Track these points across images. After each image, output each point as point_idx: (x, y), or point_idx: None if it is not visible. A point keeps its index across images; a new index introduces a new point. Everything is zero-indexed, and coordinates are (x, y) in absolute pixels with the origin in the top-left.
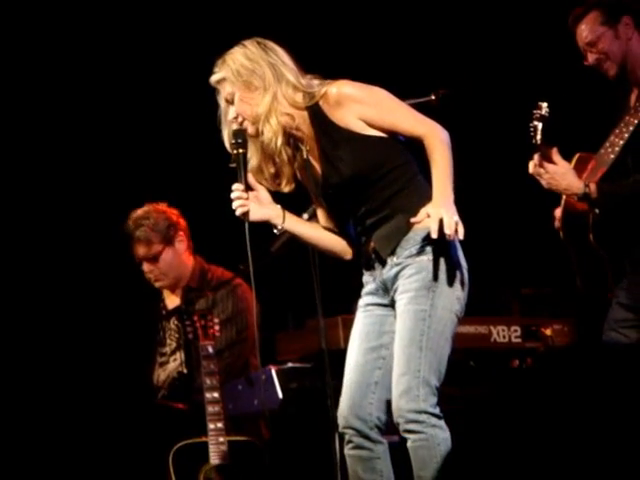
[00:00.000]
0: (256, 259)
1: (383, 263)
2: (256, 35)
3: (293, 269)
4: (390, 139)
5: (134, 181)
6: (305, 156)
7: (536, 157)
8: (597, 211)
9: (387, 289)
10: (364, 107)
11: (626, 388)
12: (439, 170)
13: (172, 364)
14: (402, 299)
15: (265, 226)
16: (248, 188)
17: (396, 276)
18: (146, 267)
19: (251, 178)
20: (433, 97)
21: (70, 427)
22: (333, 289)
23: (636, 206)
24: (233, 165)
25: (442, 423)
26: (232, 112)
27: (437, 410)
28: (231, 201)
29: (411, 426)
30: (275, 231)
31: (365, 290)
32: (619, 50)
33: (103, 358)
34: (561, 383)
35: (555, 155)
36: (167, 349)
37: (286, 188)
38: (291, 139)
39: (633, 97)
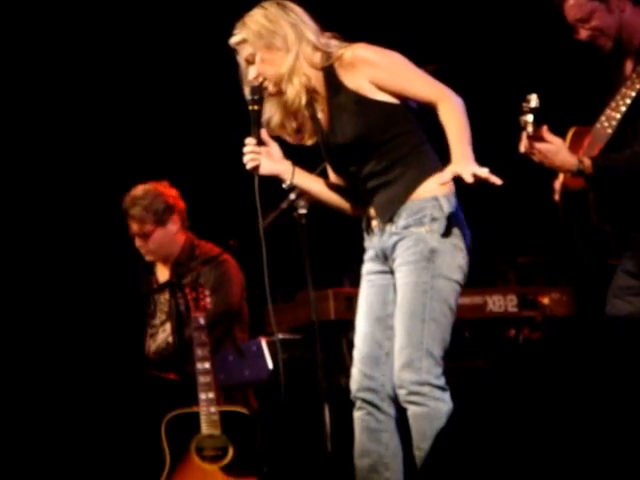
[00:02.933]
0: (247, 235)
1: (382, 230)
2: None
3: (283, 243)
4: (400, 105)
5: (131, 158)
6: (317, 115)
7: (525, 139)
8: (594, 186)
9: (386, 256)
10: (376, 70)
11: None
12: (455, 132)
13: (161, 335)
14: (401, 271)
15: (254, 201)
16: (260, 143)
17: (394, 246)
18: (137, 242)
19: (264, 133)
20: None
21: (62, 399)
22: (323, 262)
23: (634, 178)
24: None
25: (446, 396)
26: (252, 72)
27: (441, 381)
28: (242, 156)
29: (413, 397)
30: (283, 185)
31: (366, 256)
32: (613, 24)
33: (95, 330)
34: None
35: (546, 133)
36: (157, 321)
37: (309, 141)
38: (309, 97)
39: (629, 67)
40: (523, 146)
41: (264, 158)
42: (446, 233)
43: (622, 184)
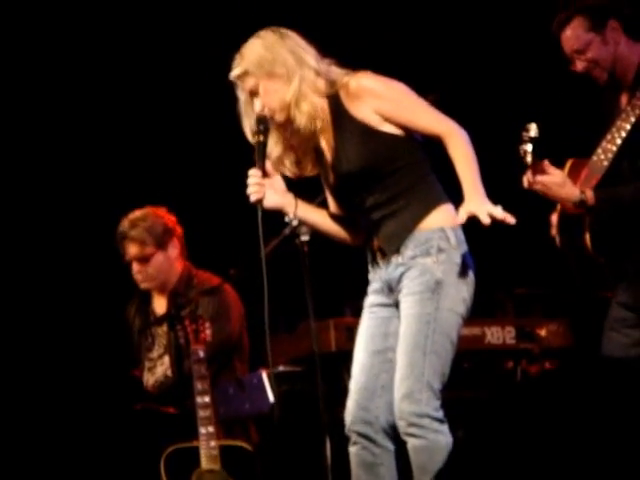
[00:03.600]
0: (248, 265)
1: (388, 262)
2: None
3: (285, 271)
4: (405, 136)
5: (131, 185)
6: (320, 144)
7: (529, 173)
8: (594, 218)
9: (392, 289)
10: (382, 101)
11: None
12: (465, 167)
13: (159, 368)
14: (406, 301)
15: (256, 231)
16: (264, 175)
17: (401, 277)
18: (135, 267)
19: (268, 165)
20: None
21: (62, 432)
22: (325, 292)
23: (636, 212)
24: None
25: (444, 428)
26: (258, 104)
27: (440, 414)
28: (245, 187)
29: (412, 430)
30: (286, 219)
31: (370, 288)
32: (608, 56)
33: (94, 363)
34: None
35: (548, 167)
36: (155, 354)
37: (311, 173)
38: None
39: (624, 100)
40: (526, 180)
41: (268, 191)
42: (452, 265)
43: (623, 217)
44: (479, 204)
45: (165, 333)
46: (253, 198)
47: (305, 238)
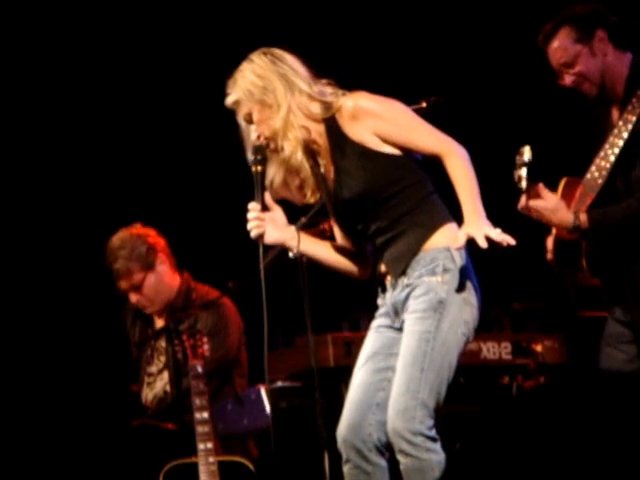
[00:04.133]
0: (246, 277)
1: (395, 285)
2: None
3: (282, 286)
4: (404, 157)
5: (129, 195)
6: (321, 169)
7: (523, 198)
8: (589, 240)
9: (397, 312)
10: (379, 122)
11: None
12: (464, 187)
13: (159, 383)
14: (409, 319)
15: (254, 243)
16: (264, 208)
17: (407, 298)
18: (133, 298)
19: (267, 197)
20: (424, 104)
21: (60, 448)
22: (322, 305)
23: (630, 230)
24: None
25: (437, 447)
26: (253, 133)
27: (433, 432)
28: (246, 221)
29: (405, 447)
30: (290, 255)
31: (378, 312)
32: (597, 69)
33: (92, 378)
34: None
35: (542, 191)
36: (154, 368)
37: (312, 199)
38: (310, 151)
39: (615, 114)
40: (520, 205)
41: (269, 225)
42: (457, 285)
43: (618, 237)
44: (477, 227)
45: (164, 348)
46: (253, 234)
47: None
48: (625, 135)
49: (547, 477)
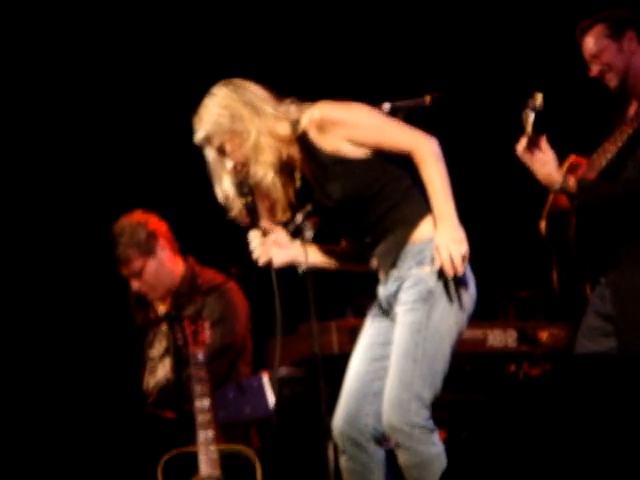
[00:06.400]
0: (248, 264)
1: (387, 279)
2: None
3: (286, 273)
4: (378, 157)
5: (131, 184)
6: (297, 185)
7: (524, 140)
8: (576, 206)
9: (390, 304)
10: (347, 129)
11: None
12: (434, 187)
13: (160, 371)
14: (401, 311)
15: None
16: (265, 234)
17: (397, 290)
18: (134, 285)
19: (265, 223)
20: (427, 99)
21: (60, 436)
22: (326, 292)
23: (620, 208)
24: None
25: (434, 438)
26: (229, 163)
27: (430, 423)
28: (250, 251)
29: (402, 440)
30: (299, 271)
31: (376, 302)
32: (622, 63)
33: (93, 365)
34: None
35: (543, 143)
36: (155, 352)
37: (283, 218)
38: (288, 169)
39: (632, 109)
40: (520, 146)
41: (273, 250)
42: (446, 275)
43: (604, 209)
44: (445, 241)
45: (166, 332)
46: (261, 262)
47: (310, 235)
48: (636, 125)
49: (554, 466)
